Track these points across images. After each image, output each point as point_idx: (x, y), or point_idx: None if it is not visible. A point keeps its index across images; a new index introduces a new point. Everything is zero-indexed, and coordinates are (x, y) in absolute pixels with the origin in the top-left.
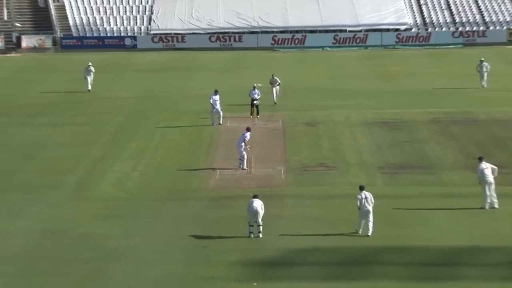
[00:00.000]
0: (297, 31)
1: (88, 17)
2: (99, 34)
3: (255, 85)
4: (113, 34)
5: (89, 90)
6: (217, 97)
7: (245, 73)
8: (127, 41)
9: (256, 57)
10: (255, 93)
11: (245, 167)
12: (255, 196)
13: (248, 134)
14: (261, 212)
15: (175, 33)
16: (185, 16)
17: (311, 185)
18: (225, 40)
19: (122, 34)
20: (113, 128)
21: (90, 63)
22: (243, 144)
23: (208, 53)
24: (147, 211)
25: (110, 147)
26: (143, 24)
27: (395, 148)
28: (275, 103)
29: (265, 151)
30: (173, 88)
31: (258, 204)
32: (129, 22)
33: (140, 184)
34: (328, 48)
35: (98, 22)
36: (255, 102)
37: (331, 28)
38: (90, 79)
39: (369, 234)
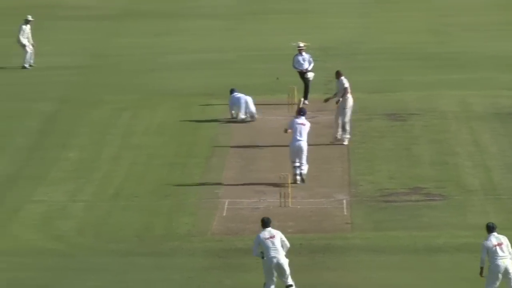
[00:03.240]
0: None
1: None
2: None
3: (301, 45)
4: None
5: (24, 67)
6: (242, 97)
7: (275, 23)
8: None
9: None
10: (303, 60)
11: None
12: (265, 224)
13: (305, 121)
14: (284, 258)
15: None
16: None
17: (398, 228)
18: None
19: None
20: (34, 124)
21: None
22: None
23: None
24: (98, 276)
25: (29, 159)
26: None
27: None
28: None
29: (313, 166)
30: (142, 51)
31: (276, 237)
32: None
33: (85, 227)
34: None
35: None
36: (308, 75)
37: None
38: (29, 49)
39: None
